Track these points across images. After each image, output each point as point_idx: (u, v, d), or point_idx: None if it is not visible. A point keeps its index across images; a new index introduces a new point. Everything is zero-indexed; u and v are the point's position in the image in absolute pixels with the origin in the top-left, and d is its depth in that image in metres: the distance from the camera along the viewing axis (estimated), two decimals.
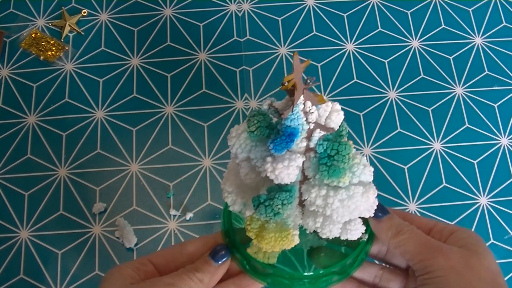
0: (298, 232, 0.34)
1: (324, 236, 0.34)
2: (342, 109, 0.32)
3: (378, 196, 0.34)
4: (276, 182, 0.31)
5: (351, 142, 0.31)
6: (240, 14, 0.69)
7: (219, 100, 0.64)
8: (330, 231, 0.34)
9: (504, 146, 0.62)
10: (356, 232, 0.34)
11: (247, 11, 0.69)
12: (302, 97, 0.29)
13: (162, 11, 0.69)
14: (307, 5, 0.69)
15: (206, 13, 0.69)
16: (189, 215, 0.59)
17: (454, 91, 0.65)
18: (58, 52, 0.66)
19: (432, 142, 0.62)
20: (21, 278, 0.56)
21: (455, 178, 0.61)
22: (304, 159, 0.32)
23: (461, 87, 0.65)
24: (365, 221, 0.35)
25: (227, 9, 0.69)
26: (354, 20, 0.69)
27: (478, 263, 0.33)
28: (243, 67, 0.66)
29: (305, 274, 0.36)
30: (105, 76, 0.65)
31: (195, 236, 0.58)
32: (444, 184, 0.61)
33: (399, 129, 0.63)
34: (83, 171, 0.60)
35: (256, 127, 0.31)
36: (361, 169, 0.32)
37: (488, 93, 0.65)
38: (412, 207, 0.59)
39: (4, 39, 0.66)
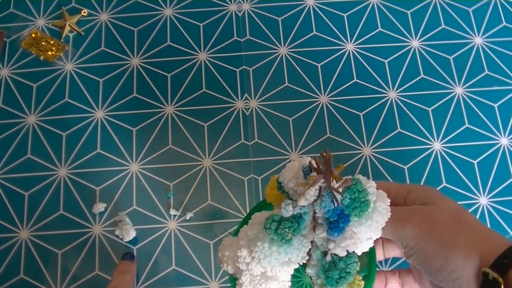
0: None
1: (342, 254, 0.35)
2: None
3: None
4: (355, 253, 0.31)
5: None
6: (240, 14, 0.69)
7: (219, 100, 0.64)
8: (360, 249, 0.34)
9: (504, 146, 0.62)
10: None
11: (247, 11, 0.69)
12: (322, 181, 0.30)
13: (162, 11, 0.69)
14: (307, 5, 0.69)
15: (206, 13, 0.69)
16: (189, 215, 0.59)
17: (454, 91, 0.65)
18: (58, 52, 0.66)
19: (432, 142, 0.62)
20: (21, 278, 0.56)
21: (455, 178, 0.61)
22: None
23: (461, 87, 0.65)
24: None
25: (227, 9, 0.69)
26: (354, 20, 0.69)
27: (438, 213, 0.33)
28: (243, 67, 0.66)
29: None
30: (105, 76, 0.65)
31: (195, 236, 0.58)
32: (444, 184, 0.61)
33: (399, 129, 0.63)
34: (83, 171, 0.60)
35: (292, 234, 0.30)
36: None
37: (488, 93, 0.65)
38: None
39: (4, 39, 0.66)
